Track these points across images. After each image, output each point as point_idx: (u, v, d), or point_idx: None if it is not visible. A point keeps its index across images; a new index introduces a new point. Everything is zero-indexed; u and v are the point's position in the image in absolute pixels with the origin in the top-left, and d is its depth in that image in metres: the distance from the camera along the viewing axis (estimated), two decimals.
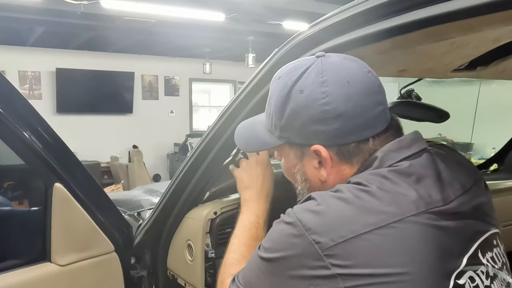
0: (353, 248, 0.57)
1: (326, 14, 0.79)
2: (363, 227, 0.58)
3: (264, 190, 1.02)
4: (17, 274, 1.04)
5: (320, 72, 0.66)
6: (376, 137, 0.67)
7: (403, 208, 0.59)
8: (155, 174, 7.90)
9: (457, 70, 0.94)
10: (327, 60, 0.68)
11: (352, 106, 0.64)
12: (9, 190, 1.27)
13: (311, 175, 0.73)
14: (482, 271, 0.64)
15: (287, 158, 0.76)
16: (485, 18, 0.56)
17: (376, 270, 0.56)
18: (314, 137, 0.67)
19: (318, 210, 0.61)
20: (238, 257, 0.88)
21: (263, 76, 0.96)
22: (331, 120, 0.65)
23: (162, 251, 1.33)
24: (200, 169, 1.17)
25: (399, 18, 0.65)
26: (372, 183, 0.62)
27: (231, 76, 8.56)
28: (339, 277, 0.57)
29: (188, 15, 4.56)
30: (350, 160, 0.68)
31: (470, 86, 4.65)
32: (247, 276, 0.71)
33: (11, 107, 0.97)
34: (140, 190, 2.06)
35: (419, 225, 0.59)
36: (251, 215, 0.98)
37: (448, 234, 0.61)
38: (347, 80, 0.65)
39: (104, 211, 1.17)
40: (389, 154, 0.65)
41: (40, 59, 6.82)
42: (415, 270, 0.57)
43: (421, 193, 0.61)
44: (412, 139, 0.69)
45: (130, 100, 7.67)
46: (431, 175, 0.64)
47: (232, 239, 0.94)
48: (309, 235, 0.59)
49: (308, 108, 0.66)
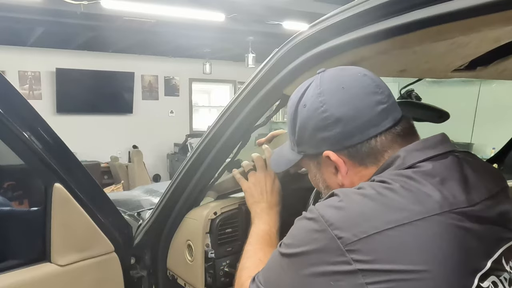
0: (375, 244, 0.57)
1: (326, 14, 0.79)
2: (386, 223, 0.58)
3: (274, 203, 1.07)
4: (17, 274, 1.04)
5: (318, 85, 0.72)
6: (382, 135, 0.69)
7: (427, 207, 0.59)
8: (155, 174, 7.90)
9: (457, 70, 0.94)
10: (324, 74, 0.74)
11: (349, 109, 0.68)
12: (9, 190, 1.27)
13: (330, 182, 0.77)
14: (505, 278, 0.63)
15: (309, 170, 0.82)
16: (485, 18, 0.56)
17: (397, 266, 0.56)
18: (323, 144, 0.72)
19: (341, 206, 0.62)
20: (254, 260, 0.90)
21: (263, 76, 0.97)
22: (332, 125, 0.69)
23: (162, 251, 1.33)
24: (200, 169, 1.17)
25: (399, 18, 0.65)
26: (396, 181, 0.63)
27: (231, 76, 8.56)
28: (360, 272, 0.57)
29: (188, 15, 4.55)
30: (363, 161, 0.70)
31: (470, 86, 4.65)
32: (267, 274, 0.72)
33: (11, 107, 0.97)
34: (140, 190, 2.06)
35: (443, 224, 0.59)
36: (263, 225, 1.01)
37: (473, 235, 0.61)
38: (341, 87, 0.70)
39: (104, 211, 1.17)
40: (413, 153, 0.66)
41: (40, 59, 6.82)
42: (436, 268, 0.57)
43: (445, 193, 0.61)
44: (438, 141, 0.70)
45: (130, 100, 7.67)
46: (456, 177, 0.65)
47: (247, 246, 0.97)
48: (331, 230, 0.59)
49: (311, 119, 0.71)
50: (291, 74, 0.90)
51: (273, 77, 0.94)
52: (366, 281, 0.56)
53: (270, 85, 0.96)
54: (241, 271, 0.90)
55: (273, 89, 0.96)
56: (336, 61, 0.79)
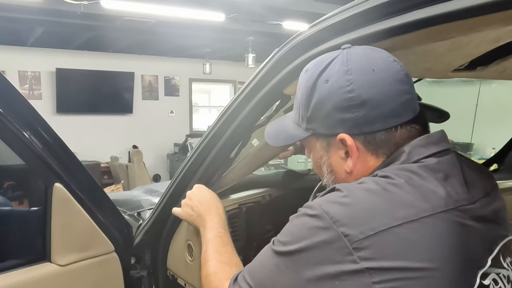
0: (383, 242, 0.56)
1: (326, 14, 0.79)
2: (394, 220, 0.57)
3: (208, 209, 1.03)
4: (17, 274, 1.04)
5: (345, 62, 0.66)
6: (403, 126, 0.66)
7: (433, 204, 0.59)
8: (155, 174, 7.90)
9: (457, 70, 0.94)
10: (352, 51, 0.68)
11: (377, 93, 0.63)
12: (9, 190, 1.27)
13: (336, 166, 0.72)
14: (504, 275, 0.64)
15: (314, 150, 0.75)
16: (485, 18, 0.56)
17: (406, 264, 0.55)
18: (340, 125, 0.66)
19: (346, 202, 0.60)
20: (217, 263, 0.86)
21: (263, 76, 0.97)
22: (356, 107, 0.64)
23: (162, 251, 1.33)
24: (200, 169, 1.17)
25: (399, 18, 0.65)
26: (400, 176, 0.61)
27: (231, 76, 8.56)
28: (367, 271, 0.55)
29: (188, 15, 4.55)
30: (376, 150, 0.67)
31: (470, 86, 4.65)
32: (259, 275, 0.68)
33: (11, 107, 0.97)
34: (140, 190, 2.06)
35: (449, 222, 0.59)
36: (209, 231, 0.97)
37: (474, 233, 0.61)
38: (371, 68, 0.65)
39: (104, 211, 1.17)
40: (418, 149, 0.65)
41: (40, 59, 6.81)
42: (443, 266, 0.56)
43: (449, 190, 0.61)
44: (440, 137, 0.68)
45: (130, 100, 7.67)
46: (457, 174, 0.64)
47: (202, 254, 0.93)
48: (337, 227, 0.57)
49: (333, 97, 0.66)
50: (291, 74, 0.89)
51: (273, 77, 0.94)
52: (374, 280, 0.55)
53: (270, 85, 0.96)
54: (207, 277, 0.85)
55: (273, 89, 0.96)
56: None
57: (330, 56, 0.69)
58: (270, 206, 1.38)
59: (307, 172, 1.59)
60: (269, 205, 1.38)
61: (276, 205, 1.40)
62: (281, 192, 1.43)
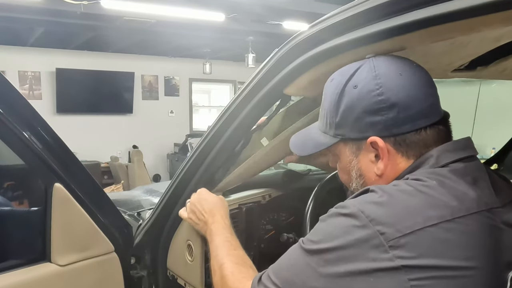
0: (419, 240, 0.57)
1: (326, 14, 0.79)
2: (429, 219, 0.58)
3: (212, 215, 1.04)
4: (17, 274, 1.04)
5: (372, 68, 0.69)
6: (431, 128, 0.68)
7: (466, 205, 0.60)
8: (155, 174, 7.90)
9: (457, 70, 0.94)
10: (377, 58, 0.70)
11: (405, 96, 0.66)
12: (9, 190, 1.27)
13: (366, 170, 0.73)
14: None
15: (343, 156, 0.76)
16: (485, 18, 0.56)
17: (441, 262, 0.56)
18: (370, 128, 0.68)
19: (382, 201, 0.61)
20: (232, 265, 0.86)
21: (263, 76, 0.96)
22: (386, 110, 0.66)
23: (162, 251, 1.33)
24: (200, 169, 1.17)
25: (399, 18, 0.65)
26: (431, 179, 0.63)
27: (231, 76, 8.56)
28: (403, 269, 0.56)
29: (188, 15, 4.55)
30: (407, 152, 0.68)
31: (470, 86, 4.64)
32: (286, 274, 0.67)
33: (11, 107, 0.97)
34: (140, 190, 2.06)
35: (481, 223, 0.60)
36: (215, 237, 0.98)
37: (503, 234, 0.62)
38: (399, 73, 0.67)
39: (104, 211, 1.17)
40: (445, 154, 0.67)
41: (40, 59, 6.82)
42: (478, 265, 0.58)
43: (479, 192, 0.62)
44: (467, 144, 0.70)
45: (130, 100, 7.67)
46: (485, 178, 0.66)
47: (213, 260, 0.92)
48: (373, 226, 0.58)
49: (362, 100, 0.67)
50: (291, 74, 0.90)
51: (273, 77, 0.94)
52: (409, 277, 0.56)
53: (270, 85, 0.96)
54: (223, 278, 0.84)
55: (273, 89, 0.96)
56: (336, 61, 0.79)
57: (355, 65, 0.72)
58: (270, 206, 1.38)
59: (307, 172, 1.59)
60: (269, 205, 1.38)
61: (276, 205, 1.40)
62: (281, 192, 1.43)
